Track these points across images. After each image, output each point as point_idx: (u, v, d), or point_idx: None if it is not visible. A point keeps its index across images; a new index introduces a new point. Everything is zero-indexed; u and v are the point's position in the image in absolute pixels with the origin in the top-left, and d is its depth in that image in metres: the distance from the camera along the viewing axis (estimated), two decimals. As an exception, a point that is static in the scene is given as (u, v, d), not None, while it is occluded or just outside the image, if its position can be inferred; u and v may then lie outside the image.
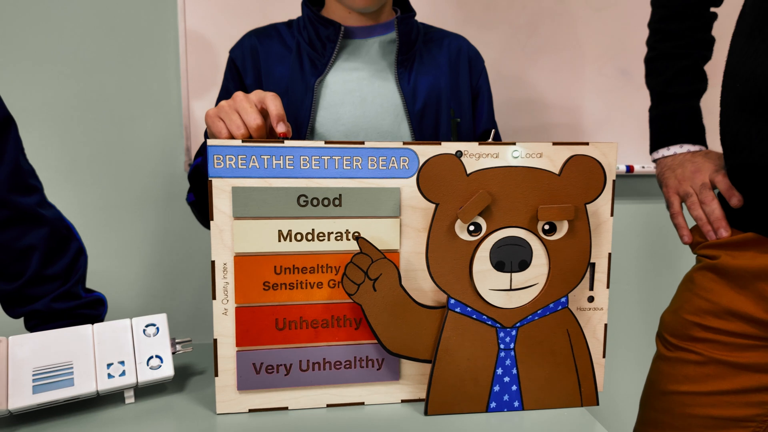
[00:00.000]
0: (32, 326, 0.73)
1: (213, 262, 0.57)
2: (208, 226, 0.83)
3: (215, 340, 0.58)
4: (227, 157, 0.55)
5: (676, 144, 0.81)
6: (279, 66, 0.83)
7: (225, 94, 0.85)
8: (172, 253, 1.30)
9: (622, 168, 1.40)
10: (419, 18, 0.90)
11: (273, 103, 0.62)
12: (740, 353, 0.72)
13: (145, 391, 0.65)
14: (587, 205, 0.59)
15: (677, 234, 0.81)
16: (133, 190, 1.26)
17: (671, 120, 0.83)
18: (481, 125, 0.91)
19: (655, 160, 0.85)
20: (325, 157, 0.57)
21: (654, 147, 0.84)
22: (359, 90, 0.83)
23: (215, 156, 0.55)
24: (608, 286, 0.63)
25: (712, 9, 0.84)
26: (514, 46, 1.34)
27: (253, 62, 0.85)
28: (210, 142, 0.55)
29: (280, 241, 0.57)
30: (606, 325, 0.63)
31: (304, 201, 0.57)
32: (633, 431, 0.84)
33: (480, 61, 0.92)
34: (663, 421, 0.79)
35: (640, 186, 1.48)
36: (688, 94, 0.82)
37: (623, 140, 1.39)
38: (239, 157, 0.56)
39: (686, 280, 0.79)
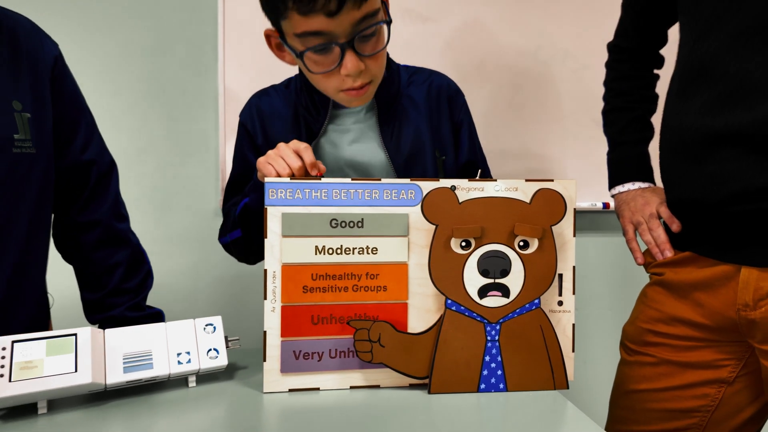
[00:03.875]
0: (106, 331, 0.88)
1: (265, 271, 0.74)
2: (245, 259, 0.97)
3: (264, 332, 0.74)
4: (279, 190, 0.73)
5: (629, 182, 0.98)
6: (280, 125, 0.95)
7: (241, 161, 0.97)
8: (208, 279, 1.48)
9: (599, 205, 1.58)
10: None
11: (306, 153, 0.79)
12: (685, 353, 0.86)
13: (202, 378, 0.80)
14: (553, 228, 0.76)
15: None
16: (175, 226, 1.45)
17: (624, 163, 1.00)
18: (462, 155, 0.99)
19: (612, 195, 1.02)
20: (351, 190, 0.75)
21: (611, 185, 1.01)
22: (349, 149, 0.96)
23: (270, 190, 0.73)
24: (574, 293, 0.79)
25: (655, 71, 1.02)
26: (501, 101, 1.54)
27: (261, 122, 0.96)
28: (267, 179, 0.73)
29: (316, 254, 0.74)
30: (573, 324, 0.79)
31: (334, 223, 0.74)
32: (604, 429, 0.98)
33: (460, 96, 1.01)
34: (627, 417, 0.93)
35: (615, 221, 1.65)
36: (637, 140, 0.99)
37: (598, 181, 1.56)
38: (287, 190, 0.73)
39: (641, 295, 0.94)
